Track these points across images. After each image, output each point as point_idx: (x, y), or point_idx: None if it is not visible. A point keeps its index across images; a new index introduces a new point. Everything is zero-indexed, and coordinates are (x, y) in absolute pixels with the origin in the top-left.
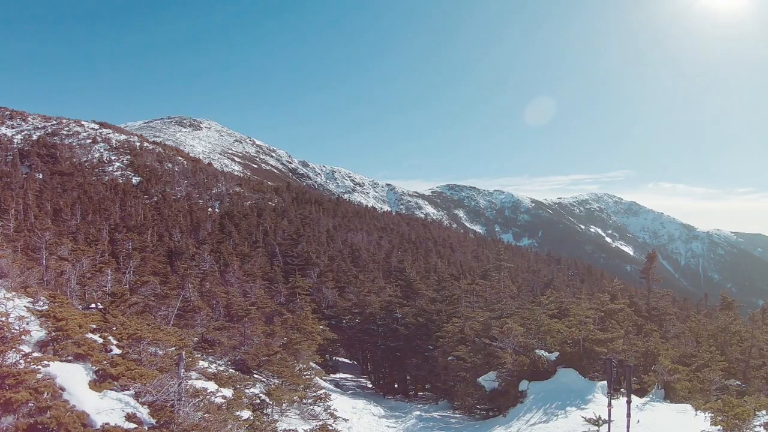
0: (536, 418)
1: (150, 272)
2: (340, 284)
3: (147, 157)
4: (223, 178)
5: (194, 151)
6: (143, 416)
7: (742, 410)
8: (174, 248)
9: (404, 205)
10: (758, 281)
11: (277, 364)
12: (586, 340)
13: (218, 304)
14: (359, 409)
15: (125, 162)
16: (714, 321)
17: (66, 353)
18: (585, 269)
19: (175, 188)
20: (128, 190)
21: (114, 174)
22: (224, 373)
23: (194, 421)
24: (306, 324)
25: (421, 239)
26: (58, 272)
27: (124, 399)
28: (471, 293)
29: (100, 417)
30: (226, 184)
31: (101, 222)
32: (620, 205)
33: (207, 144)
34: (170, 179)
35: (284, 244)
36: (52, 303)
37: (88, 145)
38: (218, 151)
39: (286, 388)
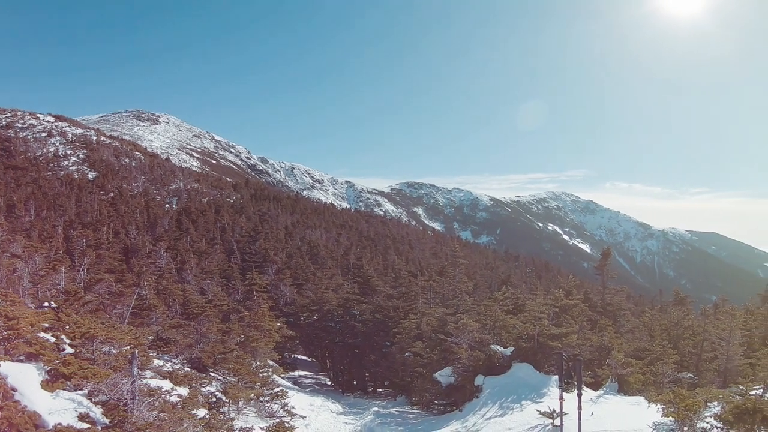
0: (492, 412)
1: (105, 270)
2: (298, 281)
3: (104, 152)
4: (181, 174)
5: (152, 146)
6: (96, 416)
7: (693, 402)
8: (130, 245)
9: (363, 203)
10: (712, 278)
11: (233, 362)
12: (540, 335)
13: (174, 302)
14: (317, 406)
15: (81, 156)
16: (667, 316)
17: (17, 353)
18: (542, 266)
19: (132, 184)
20: (84, 186)
21: (70, 169)
22: (180, 371)
23: (149, 421)
24: (263, 321)
25: (380, 236)
26: (11, 270)
27: (77, 399)
28: (428, 290)
29: (53, 417)
30: (184, 180)
31: (56, 218)
32: (578, 204)
33: (165, 139)
34: (127, 175)
35: (242, 241)
36: (3, 301)
37: (44, 138)
38: (176, 147)
39: (243, 385)
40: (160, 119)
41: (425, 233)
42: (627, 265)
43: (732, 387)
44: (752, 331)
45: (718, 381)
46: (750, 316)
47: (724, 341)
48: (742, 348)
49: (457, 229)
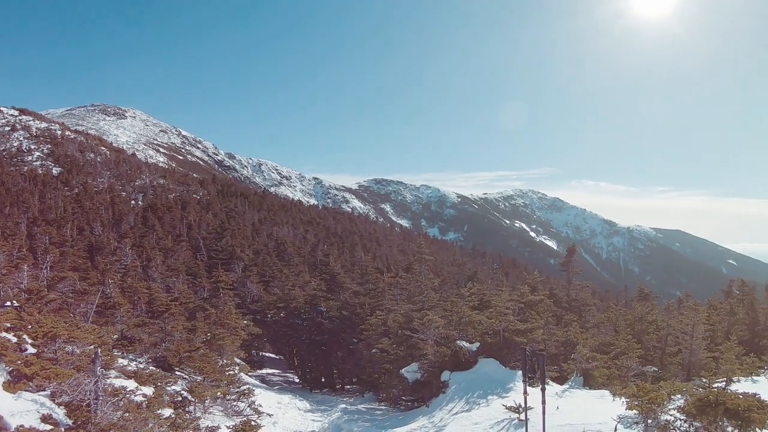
0: (459, 407)
1: (69, 268)
2: (265, 278)
3: (68, 147)
4: (147, 170)
5: (118, 141)
6: (59, 417)
7: (656, 395)
8: (95, 242)
9: (331, 199)
10: (676, 274)
11: (199, 361)
12: (506, 330)
13: (140, 300)
14: (284, 403)
15: (45, 151)
16: (632, 311)
17: None
18: (509, 263)
19: (97, 180)
20: (48, 182)
21: (33, 164)
22: (144, 370)
23: (113, 421)
24: (229, 319)
25: (347, 233)
26: None
27: (40, 400)
28: (395, 286)
29: (15, 419)
30: (150, 176)
31: (19, 215)
32: (544, 201)
33: (131, 134)
34: (92, 170)
35: (209, 238)
36: None
37: (7, 132)
38: (143, 141)
39: (209, 384)
40: (127, 114)
41: (393, 230)
42: (593, 261)
43: (695, 380)
44: (715, 326)
45: (682, 374)
46: (713, 311)
47: (688, 335)
48: (705, 342)
49: (425, 226)
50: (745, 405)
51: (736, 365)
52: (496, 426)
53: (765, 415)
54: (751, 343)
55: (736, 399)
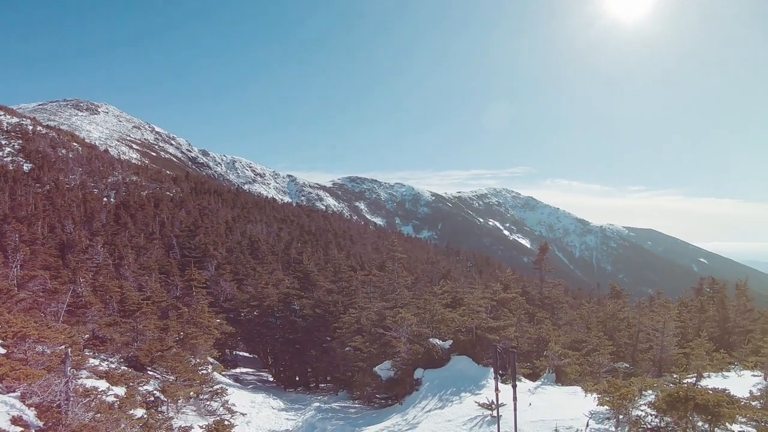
0: (432, 404)
1: (40, 266)
2: (238, 276)
3: (40, 143)
4: (119, 167)
5: (90, 137)
6: (30, 419)
7: (627, 391)
8: (66, 240)
9: (305, 197)
10: (648, 272)
11: (171, 360)
12: (478, 328)
13: (112, 299)
14: (258, 403)
15: (16, 147)
16: (603, 308)
17: None
18: (483, 261)
19: (69, 176)
20: (19, 178)
21: (4, 160)
22: (116, 370)
23: (84, 422)
24: (202, 318)
25: (321, 231)
26: None
27: (10, 401)
28: (368, 284)
29: None
30: (122, 173)
31: None
32: (518, 200)
33: (104, 129)
34: (64, 167)
35: (182, 235)
36: None
37: None
38: (116, 138)
39: (182, 384)
40: (99, 109)
41: (367, 228)
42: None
43: (666, 376)
44: (686, 323)
45: (654, 370)
46: (684, 308)
47: (659, 332)
48: (676, 339)
49: (399, 224)
50: (714, 400)
51: (707, 361)
52: (469, 423)
53: (734, 410)
54: (722, 340)
55: (705, 394)
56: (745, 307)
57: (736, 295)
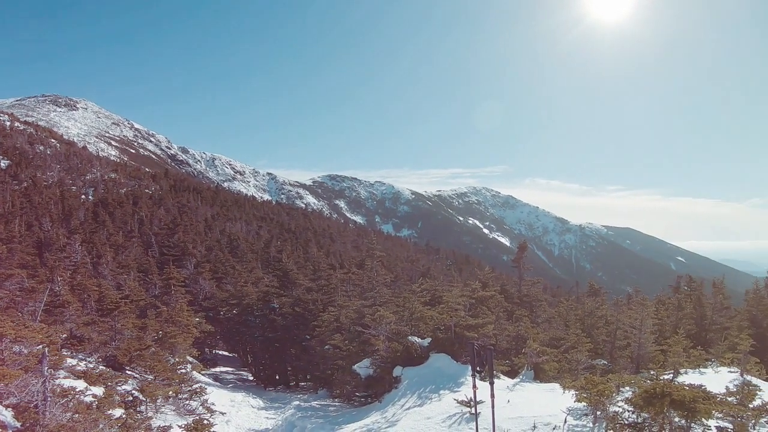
0: (411, 402)
1: (17, 265)
2: (217, 275)
3: (17, 139)
4: (98, 164)
5: (69, 134)
6: (7, 419)
7: (604, 387)
8: (43, 239)
9: (285, 195)
10: (626, 270)
11: (150, 359)
12: (457, 326)
13: (90, 298)
14: (238, 401)
15: None
16: (582, 306)
17: None
18: (463, 259)
19: (47, 173)
20: None
21: None
22: (94, 370)
23: (62, 422)
24: (181, 316)
25: (301, 229)
26: None
27: None
28: (347, 282)
29: None
30: (101, 170)
31: None
32: (498, 199)
33: (83, 126)
34: (42, 163)
35: (160, 233)
36: None
37: None
38: (94, 134)
39: (160, 383)
40: (78, 105)
41: (347, 226)
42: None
43: (644, 373)
44: (663, 320)
45: (631, 367)
46: (661, 306)
47: (636, 329)
48: (653, 336)
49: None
50: (690, 396)
51: (684, 358)
52: (448, 420)
53: (710, 406)
54: (699, 337)
55: (681, 390)
56: (722, 304)
57: (713, 293)
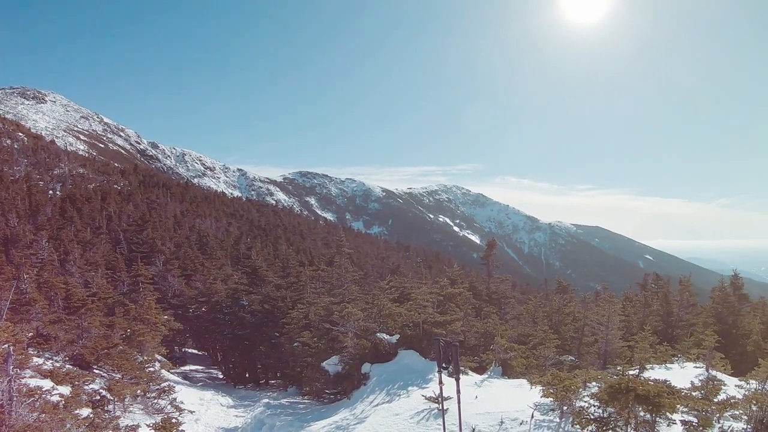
0: (380, 398)
1: None
2: (186, 272)
3: None
4: (66, 158)
5: (36, 127)
6: None
7: (570, 383)
8: (10, 235)
9: (255, 191)
10: (595, 268)
11: (117, 358)
12: (425, 322)
13: (56, 296)
14: (207, 400)
15: None
16: (550, 303)
17: None
18: (433, 256)
19: (14, 168)
20: None
21: None
22: (61, 369)
23: (28, 422)
24: (149, 314)
25: (271, 226)
26: None
27: None
28: (317, 279)
29: None
30: (69, 165)
31: None
32: (468, 197)
33: (51, 119)
34: (8, 158)
35: (129, 230)
36: None
37: None
38: (63, 128)
39: (128, 382)
40: (47, 98)
41: (317, 223)
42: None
43: (611, 368)
44: (630, 317)
45: (599, 363)
46: (629, 303)
47: (603, 326)
48: (620, 332)
49: (350, 220)
50: (655, 391)
51: (650, 354)
52: (417, 416)
53: (674, 400)
54: (665, 333)
55: (646, 385)
56: (688, 301)
57: (680, 290)
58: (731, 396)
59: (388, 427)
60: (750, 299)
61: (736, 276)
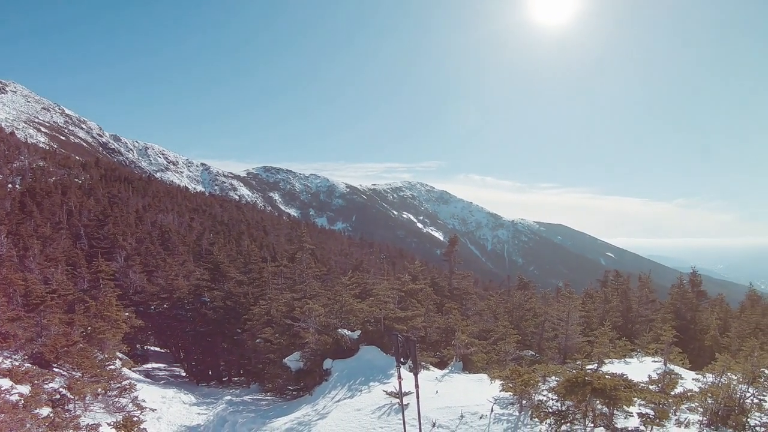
0: (341, 394)
1: None
2: (148, 268)
3: None
4: (26, 151)
5: None
6: None
7: (529, 377)
8: None
9: (219, 186)
10: (558, 265)
11: (77, 356)
12: (387, 318)
13: (15, 293)
14: (169, 398)
15: None
16: (510, 299)
17: None
18: (396, 253)
19: None
20: None
21: None
22: (20, 368)
23: None
24: (110, 311)
25: (234, 221)
26: None
27: None
28: (279, 275)
29: None
30: (29, 158)
31: None
32: (432, 194)
33: (11, 110)
34: None
35: (90, 225)
36: None
37: None
38: (23, 119)
39: (88, 380)
40: (7, 88)
41: (281, 219)
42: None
43: (570, 363)
44: (591, 313)
45: (559, 358)
46: (589, 299)
47: (564, 321)
48: (580, 327)
49: (314, 216)
50: (611, 384)
51: (610, 348)
52: (378, 411)
53: (631, 393)
54: (625, 329)
55: (603, 379)
56: (648, 298)
57: (639, 287)
58: (688, 389)
59: (350, 423)
60: (708, 296)
61: (695, 273)
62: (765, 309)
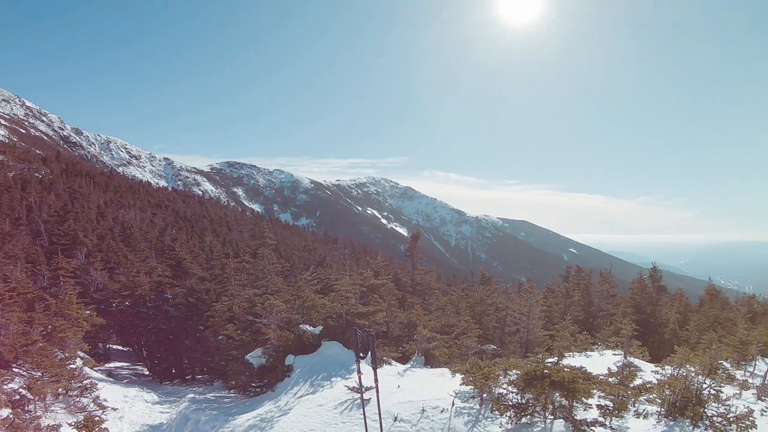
0: (304, 390)
1: None
2: (109, 265)
3: None
4: None
5: None
6: None
7: (489, 371)
8: None
9: (182, 181)
10: (521, 260)
11: (37, 355)
12: (348, 313)
13: None
14: (131, 397)
15: None
16: (472, 294)
17: None
18: (360, 248)
19: None
20: None
21: None
22: None
23: None
24: (71, 309)
25: (197, 217)
26: None
27: None
28: (241, 271)
29: None
30: None
31: None
32: (396, 190)
33: None
34: None
35: (50, 221)
36: None
37: None
38: None
39: (49, 380)
40: None
41: (244, 214)
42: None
43: (531, 357)
44: (552, 307)
45: (520, 352)
46: (550, 293)
47: (525, 316)
48: (542, 322)
49: (277, 211)
50: (569, 377)
51: (571, 342)
52: (340, 407)
53: (590, 385)
54: (586, 323)
55: (561, 372)
56: (608, 292)
57: (600, 282)
58: (647, 381)
59: (312, 418)
60: (668, 290)
61: (655, 268)
62: (723, 303)
